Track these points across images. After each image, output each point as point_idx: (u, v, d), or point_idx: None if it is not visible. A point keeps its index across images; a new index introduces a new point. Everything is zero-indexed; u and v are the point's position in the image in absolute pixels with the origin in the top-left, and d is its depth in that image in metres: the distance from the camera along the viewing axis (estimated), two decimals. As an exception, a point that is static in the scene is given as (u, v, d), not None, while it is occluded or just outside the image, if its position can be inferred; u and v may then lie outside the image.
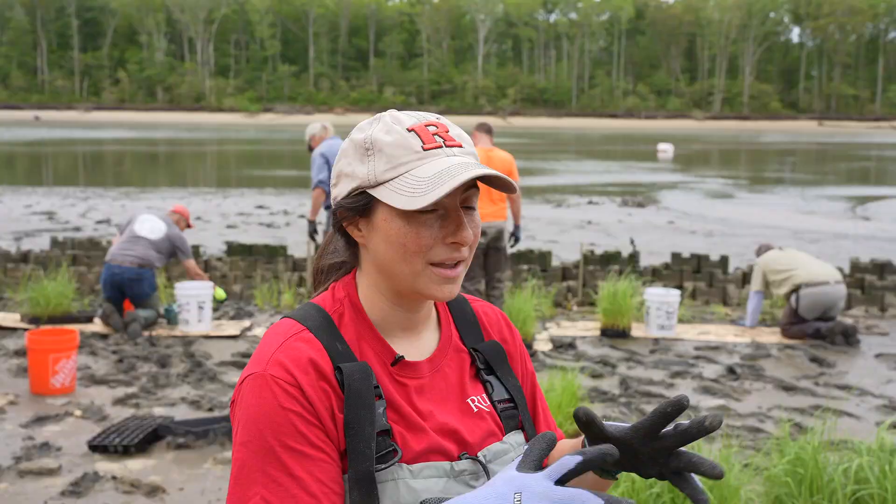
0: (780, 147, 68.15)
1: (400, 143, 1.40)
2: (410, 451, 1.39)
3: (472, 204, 1.44)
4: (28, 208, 20.29)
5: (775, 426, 6.04)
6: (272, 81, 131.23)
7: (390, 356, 1.46)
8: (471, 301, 1.65)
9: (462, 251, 1.42)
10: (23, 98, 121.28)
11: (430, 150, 1.40)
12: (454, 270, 1.42)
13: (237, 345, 8.14)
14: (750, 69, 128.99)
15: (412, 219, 1.39)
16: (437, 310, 1.58)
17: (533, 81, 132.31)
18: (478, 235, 1.44)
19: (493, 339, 1.61)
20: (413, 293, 1.44)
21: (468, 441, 1.46)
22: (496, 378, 1.56)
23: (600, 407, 6.38)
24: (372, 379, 1.39)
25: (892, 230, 18.98)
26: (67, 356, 6.49)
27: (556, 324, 9.21)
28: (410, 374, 1.47)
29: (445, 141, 1.42)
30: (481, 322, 1.62)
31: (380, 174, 1.40)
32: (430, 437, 1.42)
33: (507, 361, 1.59)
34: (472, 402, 1.51)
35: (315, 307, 1.48)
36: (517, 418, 1.55)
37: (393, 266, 1.42)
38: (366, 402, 1.37)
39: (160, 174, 34.88)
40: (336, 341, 1.42)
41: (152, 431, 5.47)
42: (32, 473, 4.99)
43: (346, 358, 1.41)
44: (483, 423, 1.50)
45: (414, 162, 1.39)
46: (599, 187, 28.85)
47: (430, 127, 1.43)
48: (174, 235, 8.83)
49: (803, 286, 8.50)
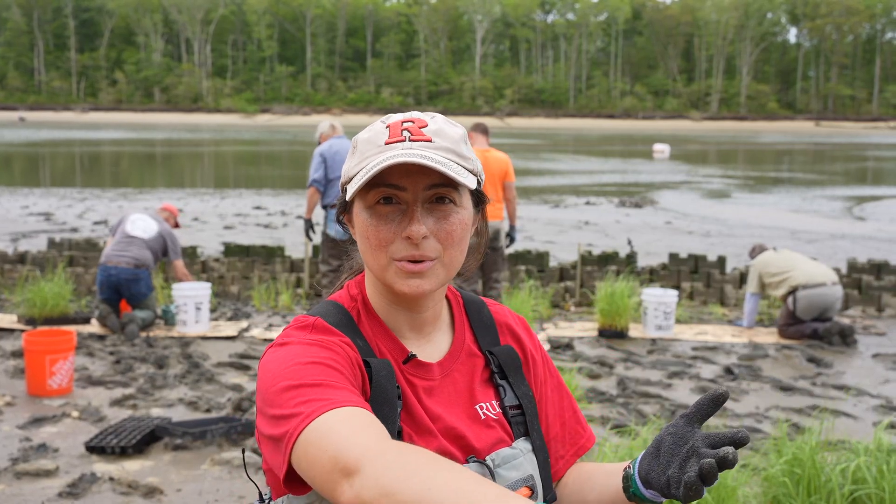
0: (778, 147, 68.18)
1: (369, 140, 1.43)
2: None
3: (449, 198, 1.41)
4: (25, 209, 20.26)
5: (773, 426, 6.04)
6: (269, 82, 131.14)
7: (402, 354, 1.46)
8: (489, 304, 1.64)
9: (422, 248, 1.39)
10: (19, 99, 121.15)
11: (391, 143, 1.40)
12: (417, 265, 1.39)
13: (235, 346, 8.14)
14: (747, 69, 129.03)
15: (374, 212, 1.40)
16: (452, 312, 1.58)
17: (530, 82, 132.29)
18: (452, 231, 1.41)
19: (508, 343, 1.60)
20: (386, 287, 1.45)
21: (475, 447, 1.45)
22: (508, 384, 1.55)
23: (598, 407, 6.38)
24: (394, 377, 1.40)
25: (890, 230, 18.99)
26: (65, 357, 6.48)
27: (554, 324, 9.21)
28: (421, 374, 1.47)
29: (412, 135, 1.40)
30: (498, 326, 1.61)
31: (350, 169, 1.44)
32: (437, 441, 1.42)
33: (520, 368, 1.58)
34: (480, 408, 1.50)
35: (334, 304, 1.49)
36: (525, 424, 1.54)
37: (367, 259, 1.44)
38: (389, 400, 1.38)
39: (157, 175, 34.84)
40: (357, 337, 1.43)
41: (150, 432, 5.46)
42: (30, 475, 4.98)
43: (367, 354, 1.42)
44: (490, 430, 1.49)
45: (373, 156, 1.40)
46: (597, 187, 28.86)
47: (407, 123, 1.43)
48: (166, 232, 8.83)
49: (800, 288, 8.51)
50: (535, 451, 1.53)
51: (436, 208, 1.41)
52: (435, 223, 1.40)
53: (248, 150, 55.40)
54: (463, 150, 1.43)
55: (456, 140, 1.43)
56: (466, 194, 1.45)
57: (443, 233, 1.40)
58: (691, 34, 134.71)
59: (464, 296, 1.62)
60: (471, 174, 1.42)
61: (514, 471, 1.47)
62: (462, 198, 1.43)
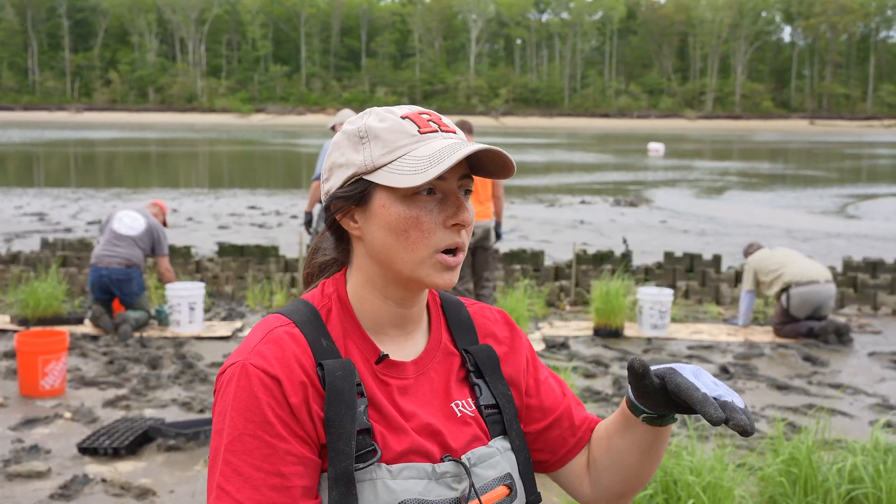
0: (773, 146, 68.30)
1: (395, 129, 1.41)
2: (391, 452, 1.38)
3: (469, 189, 1.45)
4: (18, 209, 20.21)
5: (769, 425, 6.03)
6: (264, 82, 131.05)
7: (375, 354, 1.44)
8: (467, 304, 1.63)
9: (462, 235, 1.42)
10: (13, 99, 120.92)
11: (426, 133, 1.41)
12: (456, 258, 1.42)
13: (228, 346, 8.11)
14: (742, 68, 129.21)
15: (411, 203, 1.39)
16: (429, 313, 1.57)
17: (525, 81, 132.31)
18: (472, 222, 1.44)
19: (486, 343, 1.59)
20: (412, 282, 1.43)
21: (451, 445, 1.44)
22: (484, 382, 1.54)
23: (594, 407, 6.36)
24: (354, 376, 1.38)
25: (885, 229, 19.02)
26: (57, 358, 6.45)
27: (549, 323, 9.19)
28: (394, 373, 1.45)
29: (440, 126, 1.43)
30: (476, 325, 1.61)
31: (377, 158, 1.40)
32: (411, 438, 1.40)
33: (498, 367, 1.57)
34: (455, 406, 1.49)
35: (303, 302, 1.47)
36: (502, 423, 1.53)
37: (393, 254, 1.41)
38: (347, 400, 1.36)
39: (152, 175, 34.78)
40: (321, 337, 1.41)
41: (143, 433, 5.43)
42: (21, 476, 4.94)
43: (329, 354, 1.40)
44: (467, 428, 1.48)
45: (411, 145, 1.39)
46: (591, 186, 28.87)
47: (424, 115, 1.45)
48: (155, 227, 8.75)
49: (793, 285, 8.50)
50: (515, 451, 1.52)
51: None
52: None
53: (242, 149, 55.36)
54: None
55: (464, 136, 1.47)
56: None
57: (471, 219, 1.44)
58: (686, 33, 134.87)
59: (441, 296, 1.62)
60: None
61: (491, 469, 1.46)
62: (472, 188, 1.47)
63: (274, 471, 1.31)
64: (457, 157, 1.34)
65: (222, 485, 1.31)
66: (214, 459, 1.34)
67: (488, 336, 1.61)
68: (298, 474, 1.32)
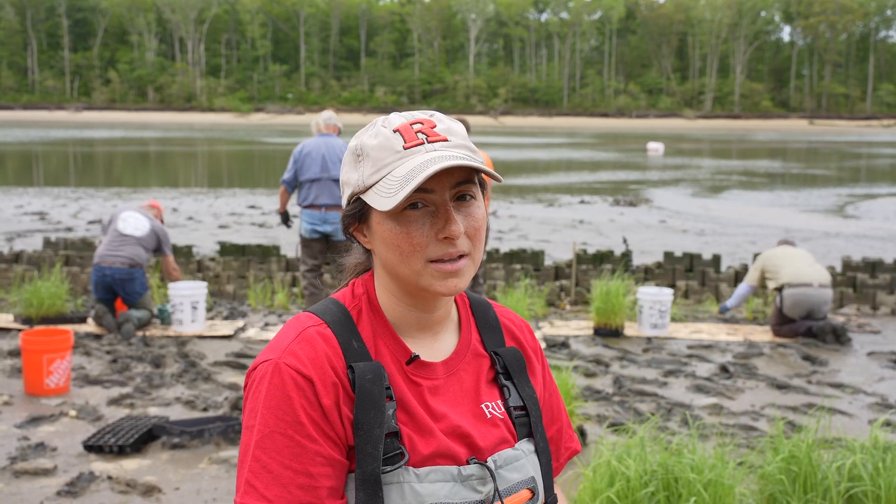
0: (772, 146, 68.28)
1: (383, 146, 1.40)
2: (418, 455, 1.39)
3: (469, 194, 1.42)
4: (19, 209, 20.22)
5: (769, 424, 6.06)
6: (263, 81, 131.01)
7: (406, 355, 1.46)
8: (494, 306, 1.65)
9: (458, 245, 1.40)
10: (13, 98, 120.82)
11: (410, 147, 1.39)
12: (454, 264, 1.41)
13: (231, 345, 8.14)
14: (741, 68, 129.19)
15: (401, 219, 1.39)
16: (458, 313, 1.58)
17: (524, 81, 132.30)
18: (479, 226, 1.43)
19: (513, 345, 1.61)
20: (420, 291, 1.44)
21: (480, 446, 1.46)
22: (513, 384, 1.55)
23: (594, 406, 6.40)
24: (384, 380, 1.40)
25: (884, 228, 19.05)
26: (62, 356, 6.48)
27: (550, 323, 9.22)
28: (425, 374, 1.46)
29: (428, 137, 1.40)
30: (503, 327, 1.62)
31: (367, 178, 1.41)
32: (438, 441, 1.42)
33: (525, 370, 1.58)
34: (485, 407, 1.51)
35: (335, 302, 1.49)
36: (529, 426, 1.54)
37: (395, 267, 1.42)
38: (376, 403, 1.37)
39: (151, 174, 34.79)
40: (352, 338, 1.43)
41: (147, 431, 5.47)
42: (28, 474, 4.98)
43: (360, 356, 1.41)
44: (496, 429, 1.49)
45: (395, 162, 1.39)
46: (591, 185, 28.87)
47: (416, 125, 1.42)
48: (158, 228, 8.80)
49: (786, 286, 8.55)
50: (538, 453, 1.54)
51: (460, 206, 1.42)
52: (463, 220, 1.41)
53: (241, 149, 55.33)
54: (471, 143, 1.45)
55: (464, 136, 1.45)
56: (478, 187, 1.45)
57: (471, 229, 1.42)
58: (685, 33, 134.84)
59: (470, 297, 1.62)
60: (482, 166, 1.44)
61: (516, 472, 1.48)
62: (476, 191, 1.44)
63: (303, 470, 1.33)
64: (422, 178, 1.33)
65: (251, 480, 1.33)
66: (244, 455, 1.36)
67: (513, 340, 1.62)
68: (326, 475, 1.35)
